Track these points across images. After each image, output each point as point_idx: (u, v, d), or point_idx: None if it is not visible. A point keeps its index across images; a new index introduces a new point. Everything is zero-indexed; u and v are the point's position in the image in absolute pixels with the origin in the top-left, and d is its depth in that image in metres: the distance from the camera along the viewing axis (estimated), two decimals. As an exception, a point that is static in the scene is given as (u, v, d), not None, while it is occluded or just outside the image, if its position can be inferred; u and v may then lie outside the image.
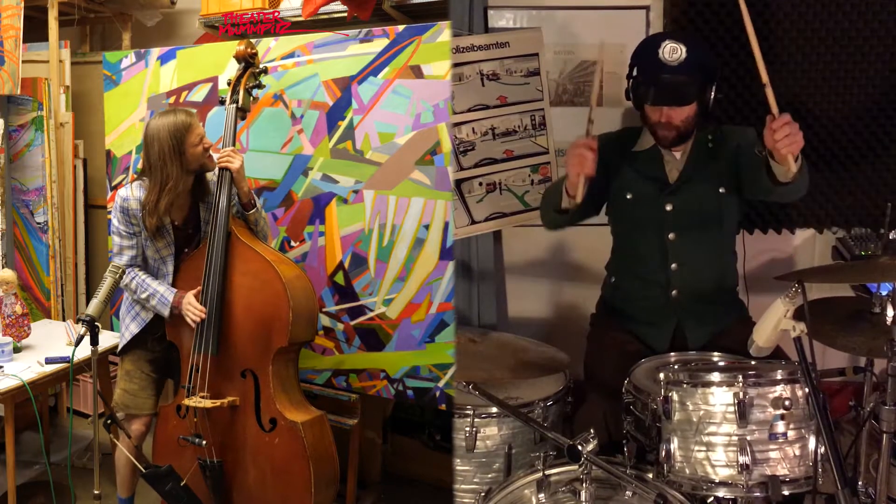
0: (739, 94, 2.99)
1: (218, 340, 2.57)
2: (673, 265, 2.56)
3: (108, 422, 2.38)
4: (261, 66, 2.83)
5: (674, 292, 2.58)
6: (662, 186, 2.57)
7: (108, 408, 2.52)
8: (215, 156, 2.64)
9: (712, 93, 2.50)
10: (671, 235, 2.57)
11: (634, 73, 2.55)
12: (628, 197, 2.60)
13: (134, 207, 2.60)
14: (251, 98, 2.77)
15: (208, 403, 2.52)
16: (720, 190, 2.56)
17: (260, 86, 2.80)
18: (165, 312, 2.61)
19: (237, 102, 2.71)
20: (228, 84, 2.75)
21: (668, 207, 2.56)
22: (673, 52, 2.43)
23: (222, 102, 2.74)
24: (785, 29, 2.93)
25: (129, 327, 2.72)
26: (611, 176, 2.62)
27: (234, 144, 2.66)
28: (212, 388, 2.57)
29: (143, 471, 2.46)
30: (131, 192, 2.61)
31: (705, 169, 2.56)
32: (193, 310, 2.56)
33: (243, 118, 2.78)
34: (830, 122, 2.99)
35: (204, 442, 2.55)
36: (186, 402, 2.55)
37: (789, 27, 2.93)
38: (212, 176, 2.68)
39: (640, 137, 2.63)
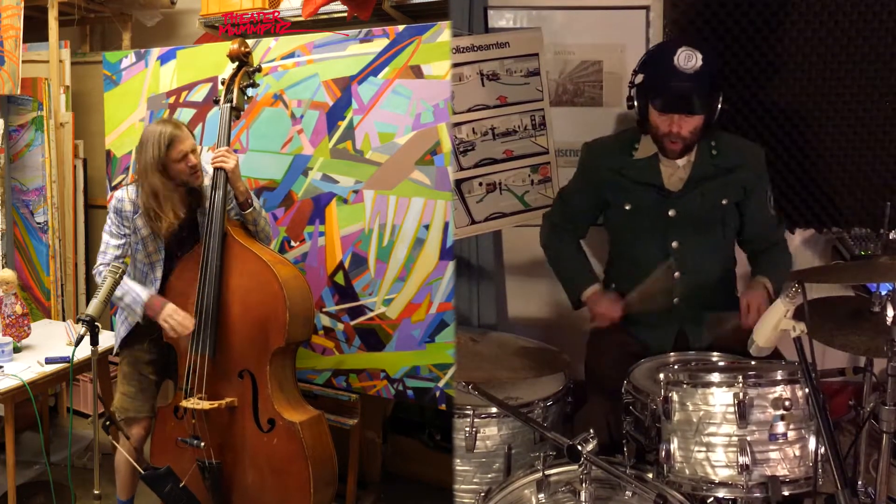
0: (740, 96, 2.99)
1: (215, 341, 2.57)
2: (676, 273, 2.55)
3: (108, 423, 2.37)
4: (255, 64, 2.81)
5: (676, 300, 2.57)
6: (665, 194, 2.55)
7: (107, 409, 2.52)
8: (210, 155, 2.62)
9: (718, 103, 2.47)
10: (675, 243, 2.55)
11: (640, 79, 2.52)
12: (627, 208, 2.59)
13: (127, 209, 2.58)
14: (245, 97, 2.76)
15: (206, 405, 2.52)
16: (723, 202, 2.55)
17: (254, 84, 2.78)
18: (138, 311, 2.55)
19: (231, 102, 2.69)
20: (222, 83, 2.74)
21: (672, 213, 2.54)
22: (688, 59, 2.36)
23: (216, 102, 2.73)
24: (786, 31, 2.93)
25: (119, 330, 2.70)
26: (607, 186, 2.62)
27: (228, 144, 2.65)
28: (209, 390, 2.56)
29: (143, 472, 2.46)
30: (126, 195, 2.60)
31: (710, 177, 2.54)
32: (176, 321, 2.51)
33: (238, 117, 2.76)
34: (830, 122, 2.99)
35: (202, 444, 2.54)
36: (184, 403, 2.54)
37: (789, 27, 2.93)
38: (207, 180, 2.65)
39: (640, 144, 2.59)
